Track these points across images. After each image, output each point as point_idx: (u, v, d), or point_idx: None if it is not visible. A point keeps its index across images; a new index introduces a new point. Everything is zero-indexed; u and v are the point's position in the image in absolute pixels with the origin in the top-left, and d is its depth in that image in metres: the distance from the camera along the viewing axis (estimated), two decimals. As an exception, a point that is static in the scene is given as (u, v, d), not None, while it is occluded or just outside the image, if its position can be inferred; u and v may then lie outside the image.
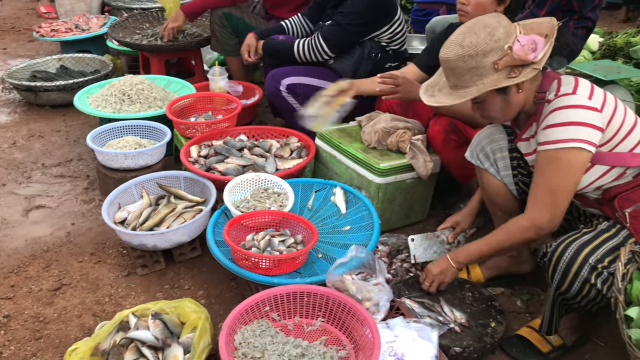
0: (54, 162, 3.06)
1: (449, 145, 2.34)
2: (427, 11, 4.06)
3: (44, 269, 2.27)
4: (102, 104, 3.01)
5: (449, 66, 1.62)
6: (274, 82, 2.88)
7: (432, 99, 1.72)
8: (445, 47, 1.63)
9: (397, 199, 2.40)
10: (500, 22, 1.59)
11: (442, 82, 1.74)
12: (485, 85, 1.59)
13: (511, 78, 1.57)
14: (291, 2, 3.46)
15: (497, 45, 1.56)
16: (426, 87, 1.79)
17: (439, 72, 1.83)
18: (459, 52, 1.58)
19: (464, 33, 1.59)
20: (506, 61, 1.56)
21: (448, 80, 1.67)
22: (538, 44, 1.56)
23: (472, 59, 1.56)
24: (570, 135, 1.55)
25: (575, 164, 1.58)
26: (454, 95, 1.64)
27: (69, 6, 4.69)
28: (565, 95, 1.60)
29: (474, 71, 1.58)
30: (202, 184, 2.42)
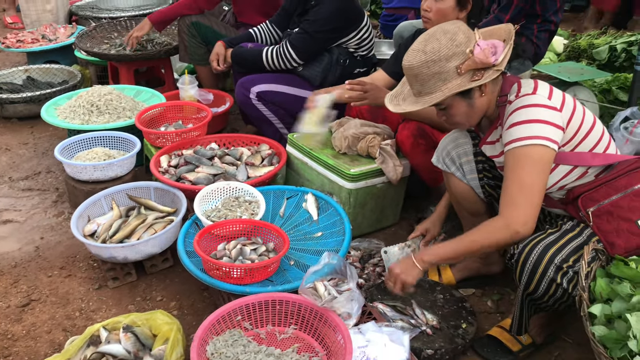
0: (21, 176, 3.01)
1: (417, 149, 2.37)
2: (395, 16, 4.10)
3: (12, 285, 2.23)
4: (70, 115, 2.97)
5: (412, 73, 1.64)
6: (244, 89, 2.88)
7: (397, 107, 1.74)
8: (408, 55, 1.65)
9: (368, 203, 2.42)
10: (460, 28, 1.63)
11: (407, 91, 1.77)
12: (450, 89, 1.62)
13: (475, 81, 1.60)
14: (259, 8, 3.46)
15: (458, 49, 1.59)
16: (391, 97, 1.81)
17: (403, 82, 1.86)
18: (422, 59, 1.61)
19: (425, 40, 1.62)
20: (468, 65, 1.59)
21: (412, 87, 1.69)
22: (498, 47, 1.60)
23: (435, 64, 1.59)
24: (534, 132, 1.59)
25: (542, 160, 1.60)
26: (419, 102, 1.67)
27: (35, 16, 4.62)
28: (526, 95, 1.65)
29: (438, 76, 1.60)
30: (173, 194, 2.41)
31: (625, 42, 4.03)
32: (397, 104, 1.76)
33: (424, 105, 1.67)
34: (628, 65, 3.91)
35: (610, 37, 4.24)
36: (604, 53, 4.00)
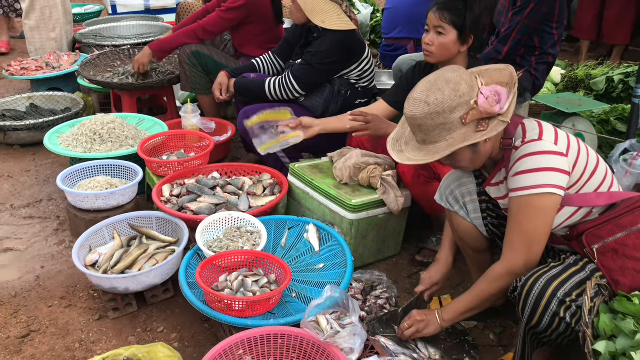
0: (23, 203, 3.01)
1: (418, 180, 2.39)
2: (395, 46, 4.15)
3: (12, 315, 2.21)
4: (73, 143, 2.99)
5: (416, 123, 1.63)
6: (246, 119, 2.90)
7: (401, 155, 1.73)
8: (410, 105, 1.64)
9: (370, 234, 2.42)
10: (462, 77, 1.62)
11: (407, 134, 1.78)
12: (455, 141, 1.61)
13: (480, 132, 1.59)
14: (258, 39, 3.51)
15: (462, 100, 1.59)
16: (392, 142, 1.80)
17: (402, 123, 1.86)
18: (425, 110, 1.60)
19: (427, 90, 1.61)
20: (473, 115, 1.59)
21: (415, 135, 1.69)
22: (501, 95, 1.60)
23: (439, 116, 1.59)
24: (541, 181, 1.60)
25: (547, 208, 1.62)
26: (423, 151, 1.66)
27: (40, 44, 4.67)
28: (532, 142, 1.65)
29: (442, 127, 1.60)
30: (175, 224, 2.41)
31: (623, 73, 4.09)
32: (400, 150, 1.75)
33: (430, 158, 1.65)
34: (625, 96, 3.96)
35: (607, 68, 4.30)
36: (602, 84, 4.05)
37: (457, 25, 2.27)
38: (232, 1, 3.29)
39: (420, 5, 3.89)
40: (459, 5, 2.27)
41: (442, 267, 2.10)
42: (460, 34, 2.29)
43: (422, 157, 1.66)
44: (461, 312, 1.81)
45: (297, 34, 3.08)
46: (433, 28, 2.33)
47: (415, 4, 3.92)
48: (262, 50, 3.36)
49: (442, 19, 2.28)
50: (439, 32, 2.31)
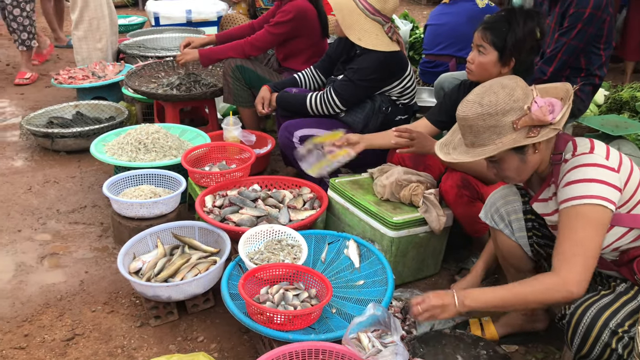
0: (68, 209, 3.09)
1: (461, 200, 2.37)
2: (436, 63, 4.15)
3: (58, 318, 2.27)
4: (118, 152, 3.06)
5: (467, 124, 1.65)
6: (287, 133, 2.94)
7: (448, 156, 1.76)
8: (463, 106, 1.67)
9: (409, 252, 2.41)
10: (518, 83, 1.65)
11: (457, 140, 1.78)
12: (503, 144, 1.62)
13: (530, 137, 1.60)
14: (303, 53, 3.56)
15: (516, 105, 1.60)
16: (441, 146, 1.83)
17: (453, 131, 1.87)
18: (478, 111, 1.62)
19: (482, 93, 1.64)
20: (525, 121, 1.60)
21: (465, 138, 1.70)
22: (555, 106, 1.61)
23: (491, 117, 1.60)
24: (590, 191, 1.57)
25: (598, 220, 1.57)
26: (471, 153, 1.68)
27: (87, 53, 4.81)
28: (583, 154, 1.64)
29: (493, 129, 1.61)
30: (217, 235, 2.44)
31: (669, 96, 3.99)
32: (447, 152, 1.77)
33: (476, 157, 1.67)
34: (672, 119, 3.86)
35: (653, 90, 4.21)
36: (647, 106, 3.96)
37: (497, 46, 2.27)
38: (281, 16, 3.35)
39: (465, 25, 3.89)
40: (502, 26, 2.27)
41: (471, 278, 2.14)
42: (501, 55, 2.28)
43: (470, 157, 1.67)
44: (489, 303, 1.64)
45: (340, 50, 3.10)
46: (476, 46, 2.34)
47: (460, 23, 3.92)
48: (306, 64, 3.40)
49: (484, 38, 2.29)
50: (480, 51, 2.31)
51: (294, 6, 3.37)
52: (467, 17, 4.00)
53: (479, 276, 2.12)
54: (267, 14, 3.71)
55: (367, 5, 2.68)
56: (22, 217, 3.01)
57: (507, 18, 2.24)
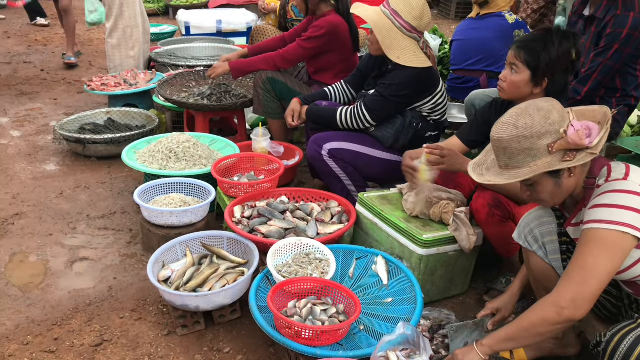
0: (98, 214, 3.14)
1: (492, 219, 2.34)
2: (465, 78, 4.12)
3: (86, 323, 2.30)
4: (149, 159, 3.10)
5: (501, 146, 1.64)
6: (316, 146, 2.94)
7: (481, 177, 1.74)
8: (498, 127, 1.65)
9: (438, 271, 2.39)
10: (554, 106, 1.63)
11: (490, 160, 1.77)
12: (538, 167, 1.60)
13: (566, 161, 1.58)
14: (334, 68, 3.57)
15: (552, 128, 1.59)
16: (474, 166, 1.81)
17: (486, 151, 1.86)
18: (513, 133, 1.60)
19: (517, 115, 1.62)
20: (561, 144, 1.58)
21: (498, 159, 1.69)
22: (592, 130, 1.59)
23: (526, 140, 1.59)
24: (616, 217, 1.54)
25: (616, 247, 1.54)
26: (504, 175, 1.66)
27: (119, 61, 4.90)
28: (616, 180, 1.61)
29: (528, 152, 1.60)
30: (245, 245, 2.45)
31: None
32: (480, 173, 1.76)
33: (510, 180, 1.66)
34: None
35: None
36: (683, 127, 3.88)
37: (530, 65, 2.24)
38: (313, 31, 3.37)
39: (494, 40, 3.87)
40: (536, 45, 2.24)
41: (507, 297, 2.08)
42: (534, 75, 2.25)
43: (504, 179, 1.65)
44: (500, 339, 1.68)
45: (371, 65, 3.11)
46: (509, 64, 2.32)
47: (490, 38, 3.89)
48: (336, 78, 3.42)
49: (517, 56, 2.27)
50: (513, 70, 2.29)
51: (327, 21, 3.39)
52: (496, 32, 3.98)
53: (514, 296, 2.07)
54: (298, 27, 3.74)
55: (403, 23, 2.69)
56: (54, 221, 3.06)
57: (542, 38, 2.22)
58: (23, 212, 3.13)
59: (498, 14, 3.95)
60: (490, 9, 3.98)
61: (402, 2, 2.71)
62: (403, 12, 2.70)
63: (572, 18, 3.20)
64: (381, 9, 2.75)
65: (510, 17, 3.93)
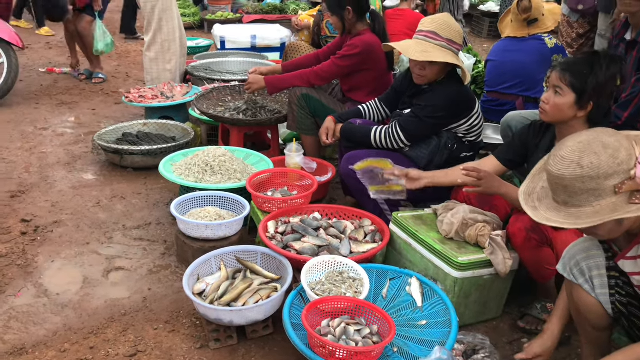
0: (134, 225, 3.19)
1: (529, 244, 2.31)
2: (500, 101, 4.09)
3: (121, 333, 2.33)
4: (186, 172, 3.15)
5: (562, 184, 1.55)
6: (350, 164, 2.95)
7: (536, 212, 1.65)
8: (558, 163, 1.56)
9: (473, 294, 2.36)
10: (621, 143, 1.53)
11: (539, 189, 1.71)
12: (602, 209, 1.50)
13: (634, 204, 1.48)
14: (368, 86, 3.59)
15: (620, 168, 1.49)
16: (525, 197, 1.73)
17: (533, 177, 1.81)
18: (577, 172, 1.51)
19: (581, 151, 1.52)
20: (630, 186, 1.48)
21: (555, 194, 1.60)
22: None
23: (592, 180, 1.50)
24: None
25: None
26: (563, 213, 1.56)
27: (156, 74, 5.01)
28: None
29: (592, 192, 1.51)
30: (279, 261, 2.47)
31: None
32: (533, 206, 1.67)
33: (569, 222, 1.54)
34: None
35: None
36: None
37: (576, 89, 2.22)
38: (348, 49, 3.40)
39: (532, 64, 3.84)
40: (583, 68, 2.22)
41: (547, 340, 1.97)
42: (579, 99, 2.23)
43: (563, 220, 1.54)
44: None
45: (406, 83, 3.10)
46: (552, 87, 2.29)
47: (528, 62, 3.87)
48: (370, 96, 3.43)
49: (561, 79, 2.24)
50: (557, 92, 2.27)
51: (362, 40, 3.42)
52: (535, 56, 3.95)
53: (555, 338, 1.96)
54: (333, 44, 3.77)
55: (442, 40, 2.73)
56: (90, 230, 3.12)
57: (589, 61, 2.20)
58: (61, 220, 3.20)
59: (538, 37, 3.93)
60: (539, 28, 3.95)
61: (449, 28, 2.75)
62: (455, 37, 2.74)
63: (614, 42, 3.16)
64: (434, 43, 2.76)
65: (549, 41, 3.89)
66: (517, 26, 4.06)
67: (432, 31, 2.76)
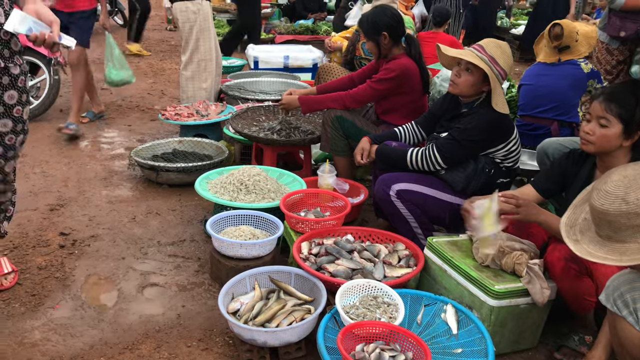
0: (168, 241, 3.24)
1: (568, 274, 2.27)
2: (534, 126, 4.05)
3: (155, 350, 2.35)
4: (220, 190, 3.19)
5: (606, 219, 1.54)
6: (384, 186, 2.95)
7: (578, 245, 1.64)
8: (602, 198, 1.55)
9: (508, 323, 2.32)
10: None
11: (581, 221, 1.70)
12: None
13: None
14: (403, 109, 3.60)
15: None
16: (566, 229, 1.72)
17: (574, 208, 1.79)
18: (622, 208, 1.50)
19: (626, 186, 1.52)
20: None
21: (599, 228, 1.59)
22: None
23: (638, 217, 1.49)
24: None
25: None
26: (607, 248, 1.55)
27: (192, 92, 5.11)
28: None
29: (637, 228, 1.50)
30: (312, 283, 2.47)
31: None
32: (575, 239, 1.67)
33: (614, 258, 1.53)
34: None
35: None
36: None
37: (623, 119, 2.20)
38: (384, 73, 3.42)
39: (567, 89, 3.81)
40: (628, 98, 2.20)
41: None
42: (626, 129, 2.21)
43: (606, 255, 1.53)
44: None
45: (444, 106, 3.11)
46: (596, 118, 2.27)
47: (563, 86, 3.83)
48: (404, 119, 3.43)
49: (607, 110, 2.22)
50: (602, 124, 2.25)
51: (398, 64, 3.44)
52: (570, 81, 3.91)
53: None
54: (368, 68, 3.79)
55: (500, 70, 2.76)
56: (126, 245, 3.18)
57: (632, 90, 2.18)
58: (98, 235, 3.27)
59: (573, 61, 3.89)
60: (571, 54, 3.92)
61: (497, 48, 2.76)
62: (500, 59, 2.74)
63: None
64: (476, 54, 2.76)
65: (585, 66, 3.85)
66: (549, 52, 4.04)
67: (481, 45, 2.79)
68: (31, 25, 1.99)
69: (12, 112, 2.29)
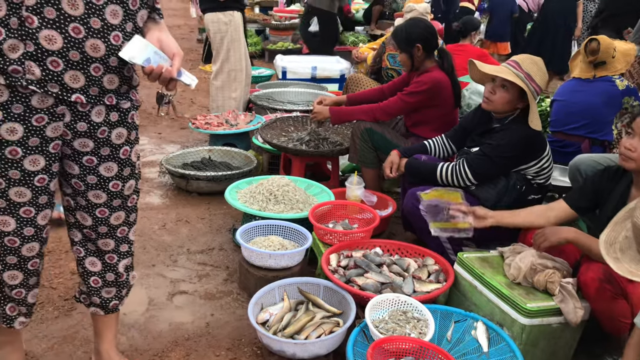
0: (197, 249, 3.27)
1: (602, 294, 2.23)
2: (565, 142, 4.00)
3: (184, 358, 2.37)
4: (250, 200, 3.22)
5: None
6: (414, 199, 2.94)
7: (618, 264, 1.63)
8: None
9: (540, 343, 2.29)
10: None
11: (621, 239, 1.68)
12: None
13: None
14: (433, 122, 3.59)
15: None
16: (606, 246, 1.70)
17: (615, 225, 1.76)
18: None
19: None
20: None
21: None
22: None
23: None
24: None
25: None
26: None
27: (221, 102, 5.18)
28: None
29: None
30: (341, 296, 2.47)
31: None
32: (615, 257, 1.65)
33: None
34: None
35: None
36: None
37: None
38: (416, 86, 3.42)
39: (601, 106, 3.75)
40: None
41: None
42: None
43: None
44: None
45: (476, 121, 3.09)
46: (638, 134, 2.24)
47: (597, 103, 3.77)
48: (434, 132, 3.42)
49: None
50: None
51: (430, 77, 3.44)
52: (604, 97, 3.84)
53: None
54: (399, 80, 3.79)
55: (536, 87, 2.75)
56: (156, 252, 3.22)
57: None
58: (129, 241, 3.32)
59: (608, 78, 3.83)
60: (606, 70, 3.85)
61: (533, 64, 2.75)
62: (537, 76, 2.73)
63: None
64: (513, 71, 2.74)
65: (620, 83, 3.79)
66: (584, 67, 3.98)
67: (516, 61, 2.77)
68: (150, 56, 1.66)
69: (119, 153, 1.84)
